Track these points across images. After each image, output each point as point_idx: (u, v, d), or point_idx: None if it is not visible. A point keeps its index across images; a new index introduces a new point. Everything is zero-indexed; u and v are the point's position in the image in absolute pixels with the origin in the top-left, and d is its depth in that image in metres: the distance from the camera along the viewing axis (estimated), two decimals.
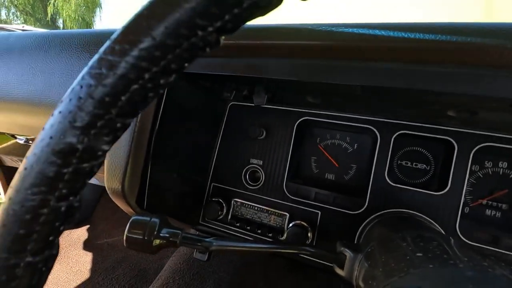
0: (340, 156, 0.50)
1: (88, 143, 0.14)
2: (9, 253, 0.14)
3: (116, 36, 0.14)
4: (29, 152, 0.15)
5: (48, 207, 0.14)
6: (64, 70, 0.41)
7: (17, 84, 0.44)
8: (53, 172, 0.14)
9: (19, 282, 0.14)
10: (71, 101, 0.14)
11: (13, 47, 0.46)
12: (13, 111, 0.46)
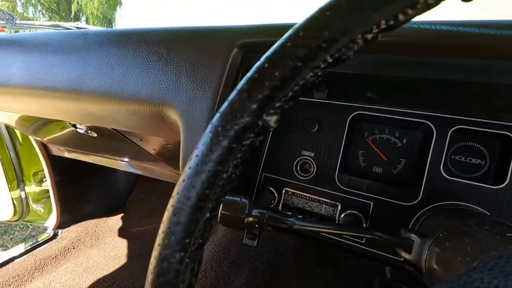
0: (388, 150, 0.51)
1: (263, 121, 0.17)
2: (195, 209, 0.17)
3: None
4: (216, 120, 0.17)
5: (227, 173, 0.17)
6: (141, 64, 0.44)
7: (96, 77, 0.48)
8: (231, 145, 0.17)
9: (201, 233, 0.17)
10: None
11: (91, 43, 0.50)
12: (87, 101, 0.51)
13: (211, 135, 0.17)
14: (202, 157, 0.17)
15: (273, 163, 0.55)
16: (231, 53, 0.37)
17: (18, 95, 0.60)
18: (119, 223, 1.36)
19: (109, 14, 12.66)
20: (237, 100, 0.17)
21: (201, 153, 0.18)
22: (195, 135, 0.39)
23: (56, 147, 1.07)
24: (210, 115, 0.39)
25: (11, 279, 1.00)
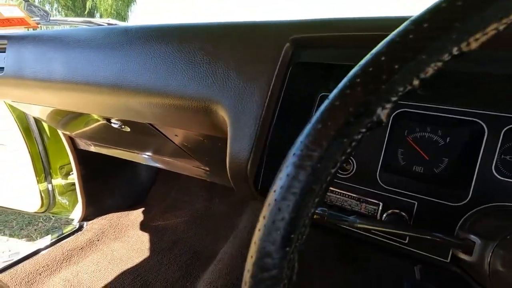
0: (430, 149, 0.50)
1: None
2: (301, 204, 0.17)
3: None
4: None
5: (334, 168, 0.17)
6: (187, 60, 0.44)
7: (139, 72, 0.48)
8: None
9: (305, 229, 0.17)
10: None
11: (134, 39, 0.50)
12: (128, 97, 0.51)
13: (317, 124, 0.17)
14: (306, 149, 0.17)
15: None
16: (282, 49, 0.37)
17: (58, 90, 0.61)
18: (140, 216, 1.39)
19: (122, 11, 12.82)
20: (349, 92, 0.16)
21: (307, 143, 0.17)
22: (243, 131, 0.39)
23: (83, 141, 1.09)
24: (261, 111, 0.38)
25: (41, 268, 1.03)
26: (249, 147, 0.39)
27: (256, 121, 0.38)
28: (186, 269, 1.08)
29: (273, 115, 0.40)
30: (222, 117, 0.42)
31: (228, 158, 0.41)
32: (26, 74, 0.65)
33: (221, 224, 1.27)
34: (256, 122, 0.38)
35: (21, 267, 1.02)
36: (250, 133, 0.39)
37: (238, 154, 0.40)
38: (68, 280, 1.01)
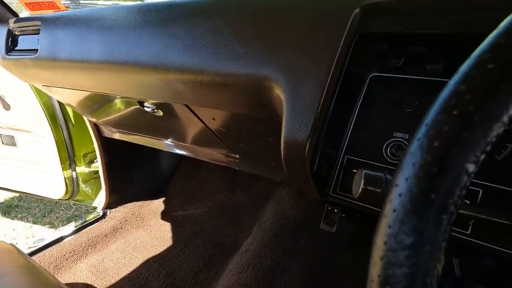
0: None
1: None
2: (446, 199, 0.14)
3: None
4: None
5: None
6: (239, 34, 0.42)
7: (183, 50, 0.46)
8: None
9: (449, 226, 0.14)
10: None
11: (178, 15, 0.48)
12: (170, 75, 0.49)
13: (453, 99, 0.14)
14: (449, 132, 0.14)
15: (358, 145, 0.52)
16: (350, 17, 0.34)
17: (94, 71, 0.60)
18: (161, 206, 1.39)
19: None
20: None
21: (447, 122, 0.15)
22: (303, 109, 0.37)
23: (108, 128, 1.09)
24: (323, 88, 0.36)
25: (68, 253, 1.04)
26: (309, 126, 0.36)
27: (318, 98, 0.36)
28: (209, 259, 1.07)
29: (334, 94, 0.38)
30: (277, 95, 0.39)
31: (284, 137, 0.38)
32: (60, 56, 0.64)
33: (242, 215, 1.25)
34: (318, 98, 0.36)
35: (48, 252, 1.03)
36: (311, 111, 0.36)
37: (296, 133, 0.37)
38: (94, 266, 1.02)
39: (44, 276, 0.58)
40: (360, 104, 0.52)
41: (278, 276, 0.83)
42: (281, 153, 0.65)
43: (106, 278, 0.98)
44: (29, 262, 0.62)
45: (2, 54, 0.76)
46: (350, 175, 0.51)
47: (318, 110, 0.36)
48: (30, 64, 0.71)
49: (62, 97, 0.90)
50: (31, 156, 1.27)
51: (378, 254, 0.15)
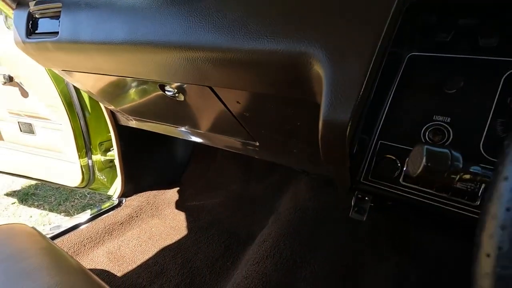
0: None
1: None
2: None
3: None
4: None
5: None
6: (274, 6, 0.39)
7: (214, 28, 0.44)
8: None
9: None
10: None
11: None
12: (197, 53, 0.47)
13: None
14: None
15: (393, 129, 0.49)
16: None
17: (117, 52, 0.58)
18: (176, 196, 1.38)
19: None
20: None
21: None
22: (346, 87, 0.34)
23: (125, 116, 1.08)
24: (369, 64, 0.33)
25: (85, 240, 1.05)
26: (352, 103, 0.34)
27: (363, 73, 0.33)
28: (225, 249, 1.06)
29: (379, 70, 0.35)
30: (315, 71, 0.37)
31: (323, 116, 0.36)
32: (82, 38, 0.63)
33: (258, 206, 1.24)
34: (363, 75, 0.33)
35: (66, 238, 1.04)
36: (355, 87, 0.33)
37: (337, 111, 0.35)
38: (111, 253, 1.02)
39: (66, 259, 0.58)
40: (397, 86, 0.49)
41: (299, 266, 0.82)
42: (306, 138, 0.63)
43: (123, 265, 0.99)
44: (51, 245, 0.61)
45: (22, 38, 0.75)
46: (384, 161, 0.48)
47: (363, 87, 0.33)
48: (51, 47, 0.70)
49: (81, 83, 0.89)
50: (48, 143, 1.28)
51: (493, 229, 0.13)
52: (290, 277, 0.79)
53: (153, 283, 0.92)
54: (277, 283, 0.77)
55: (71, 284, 0.49)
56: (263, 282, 0.77)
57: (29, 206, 1.78)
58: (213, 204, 1.31)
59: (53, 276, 0.50)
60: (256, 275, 0.79)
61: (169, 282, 0.91)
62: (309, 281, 0.78)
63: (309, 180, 1.12)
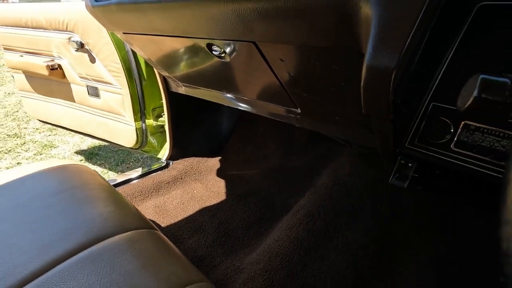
0: None
1: None
2: None
3: None
4: None
5: None
6: None
7: None
8: None
9: None
10: None
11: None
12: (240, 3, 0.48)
13: None
14: None
15: (451, 90, 0.44)
16: None
17: (170, 10, 0.62)
18: (217, 164, 1.45)
19: None
20: None
21: None
22: (393, 30, 0.32)
23: (176, 82, 1.14)
24: (421, 6, 0.30)
25: (136, 193, 1.17)
26: (399, 48, 0.32)
27: (414, 15, 0.30)
28: (260, 216, 1.10)
29: (432, 17, 0.32)
30: (364, 13, 0.35)
31: (367, 60, 0.34)
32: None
33: (296, 180, 1.24)
34: (413, 16, 0.30)
35: (121, 189, 1.17)
36: (404, 30, 0.31)
37: (383, 55, 0.33)
38: (157, 207, 1.13)
39: (119, 196, 0.65)
40: (459, 42, 0.44)
41: (331, 236, 0.81)
42: (351, 101, 0.60)
43: (167, 218, 1.08)
44: (108, 184, 0.70)
45: (92, 2, 0.83)
46: (435, 124, 0.44)
47: (413, 30, 0.31)
48: (114, 9, 0.77)
49: (139, 47, 0.96)
50: (110, 106, 1.42)
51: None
52: (322, 244, 0.79)
53: (192, 237, 1.00)
54: (307, 249, 0.78)
55: (123, 214, 0.56)
56: (293, 246, 0.78)
57: (93, 164, 2.02)
58: (252, 175, 1.34)
59: (107, 206, 0.57)
60: (287, 239, 0.81)
61: (206, 238, 0.98)
62: (341, 250, 0.77)
63: (350, 155, 1.08)
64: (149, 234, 0.54)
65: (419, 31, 0.32)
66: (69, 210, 0.56)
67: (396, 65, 0.33)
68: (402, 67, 0.34)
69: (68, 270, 0.44)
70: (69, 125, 1.70)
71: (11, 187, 0.64)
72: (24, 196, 0.59)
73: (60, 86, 1.56)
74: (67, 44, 1.36)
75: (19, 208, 0.57)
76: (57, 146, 2.18)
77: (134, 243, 0.47)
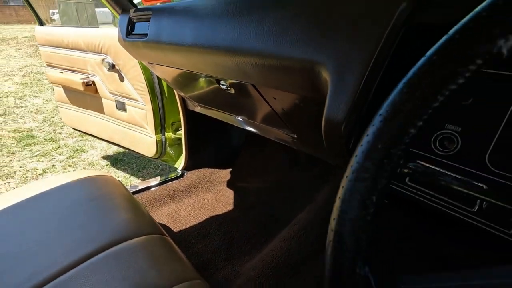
0: None
1: None
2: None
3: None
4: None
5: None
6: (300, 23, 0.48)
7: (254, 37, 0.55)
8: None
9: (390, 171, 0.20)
10: None
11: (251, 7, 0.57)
12: (243, 57, 0.59)
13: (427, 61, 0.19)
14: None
15: None
16: (397, 9, 0.37)
17: (186, 53, 0.74)
18: (228, 175, 1.57)
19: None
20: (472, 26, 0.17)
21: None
22: (344, 92, 0.42)
23: (192, 102, 1.28)
24: (364, 73, 0.40)
25: (154, 199, 1.30)
26: (347, 106, 0.41)
27: (358, 82, 0.40)
28: (263, 227, 1.19)
29: (376, 79, 0.41)
30: (324, 78, 0.45)
31: (325, 114, 0.44)
32: (163, 39, 0.80)
33: (299, 194, 1.33)
34: (357, 83, 0.40)
35: (140, 196, 1.31)
36: (350, 93, 0.41)
37: (335, 111, 0.43)
38: (171, 213, 1.25)
39: (138, 205, 0.78)
40: None
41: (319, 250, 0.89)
42: None
43: (179, 224, 1.20)
44: (129, 194, 0.83)
45: (123, 37, 0.98)
46: None
47: (357, 94, 0.40)
48: (141, 45, 0.91)
49: (161, 73, 1.11)
50: (134, 119, 1.59)
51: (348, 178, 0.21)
52: (311, 259, 0.88)
53: (199, 242, 1.11)
54: (297, 261, 0.87)
55: (139, 221, 0.68)
56: (285, 257, 0.88)
57: (117, 169, 2.21)
58: (259, 187, 1.44)
59: (127, 213, 0.70)
60: (280, 250, 0.90)
61: (212, 243, 1.09)
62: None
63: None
64: (160, 239, 0.66)
65: (363, 94, 0.42)
66: (96, 217, 0.69)
67: (345, 119, 0.42)
68: (351, 120, 0.44)
69: (94, 266, 0.57)
70: (98, 134, 1.90)
71: (49, 195, 0.78)
72: (62, 203, 0.74)
73: (93, 100, 1.76)
74: (100, 64, 1.55)
75: (56, 213, 0.71)
76: (87, 151, 2.39)
77: (146, 246, 0.59)
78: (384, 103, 0.21)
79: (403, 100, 0.20)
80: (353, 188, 0.21)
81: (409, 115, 0.19)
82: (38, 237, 0.63)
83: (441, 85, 0.18)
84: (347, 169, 0.22)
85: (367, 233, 0.20)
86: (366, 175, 0.20)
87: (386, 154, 0.20)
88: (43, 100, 3.48)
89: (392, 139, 0.20)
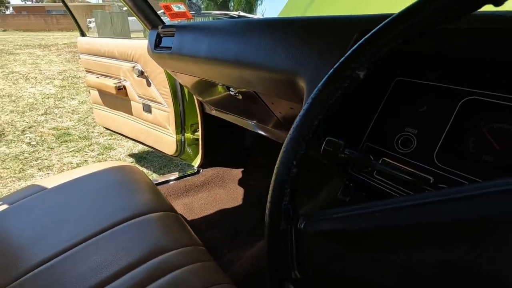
0: (505, 140, 0.51)
1: None
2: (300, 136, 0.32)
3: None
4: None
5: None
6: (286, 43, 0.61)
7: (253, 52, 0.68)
8: None
9: (301, 156, 0.32)
10: None
11: (253, 28, 0.70)
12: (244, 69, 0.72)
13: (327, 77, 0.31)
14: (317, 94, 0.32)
15: (377, 134, 0.63)
16: (353, 37, 0.49)
17: (202, 63, 0.89)
18: (240, 175, 1.70)
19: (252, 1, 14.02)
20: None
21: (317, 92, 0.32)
22: None
23: (209, 106, 1.43)
24: None
25: (171, 192, 1.46)
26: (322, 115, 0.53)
27: None
28: None
29: None
30: (302, 87, 0.57)
31: None
32: (184, 52, 0.96)
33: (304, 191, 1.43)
34: None
35: (159, 188, 1.47)
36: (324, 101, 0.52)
37: None
38: (186, 204, 1.40)
39: (157, 191, 0.93)
40: (384, 102, 0.63)
41: None
42: None
43: (192, 214, 1.35)
44: (150, 181, 0.98)
45: (152, 49, 1.15)
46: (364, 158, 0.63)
47: None
48: (166, 57, 1.07)
49: (182, 80, 1.27)
50: (159, 121, 1.77)
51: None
52: None
53: (209, 231, 1.25)
54: None
55: (157, 201, 0.83)
56: None
57: (141, 166, 2.41)
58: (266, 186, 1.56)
59: (148, 194, 0.84)
60: None
61: (220, 232, 1.22)
62: None
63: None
64: (173, 216, 0.80)
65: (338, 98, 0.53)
66: (123, 196, 0.84)
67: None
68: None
69: (121, 231, 0.72)
70: (126, 133, 2.11)
71: (87, 179, 0.95)
72: (96, 186, 0.90)
73: (123, 102, 1.97)
74: (131, 71, 1.75)
75: (92, 192, 0.87)
76: (115, 148, 2.63)
77: (161, 219, 0.73)
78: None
79: (310, 109, 0.32)
80: (283, 156, 0.33)
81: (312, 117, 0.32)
82: (78, 209, 0.79)
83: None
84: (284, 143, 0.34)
85: (292, 184, 0.33)
86: (289, 147, 0.33)
87: (300, 135, 0.32)
88: (78, 102, 3.82)
89: (305, 127, 0.32)
